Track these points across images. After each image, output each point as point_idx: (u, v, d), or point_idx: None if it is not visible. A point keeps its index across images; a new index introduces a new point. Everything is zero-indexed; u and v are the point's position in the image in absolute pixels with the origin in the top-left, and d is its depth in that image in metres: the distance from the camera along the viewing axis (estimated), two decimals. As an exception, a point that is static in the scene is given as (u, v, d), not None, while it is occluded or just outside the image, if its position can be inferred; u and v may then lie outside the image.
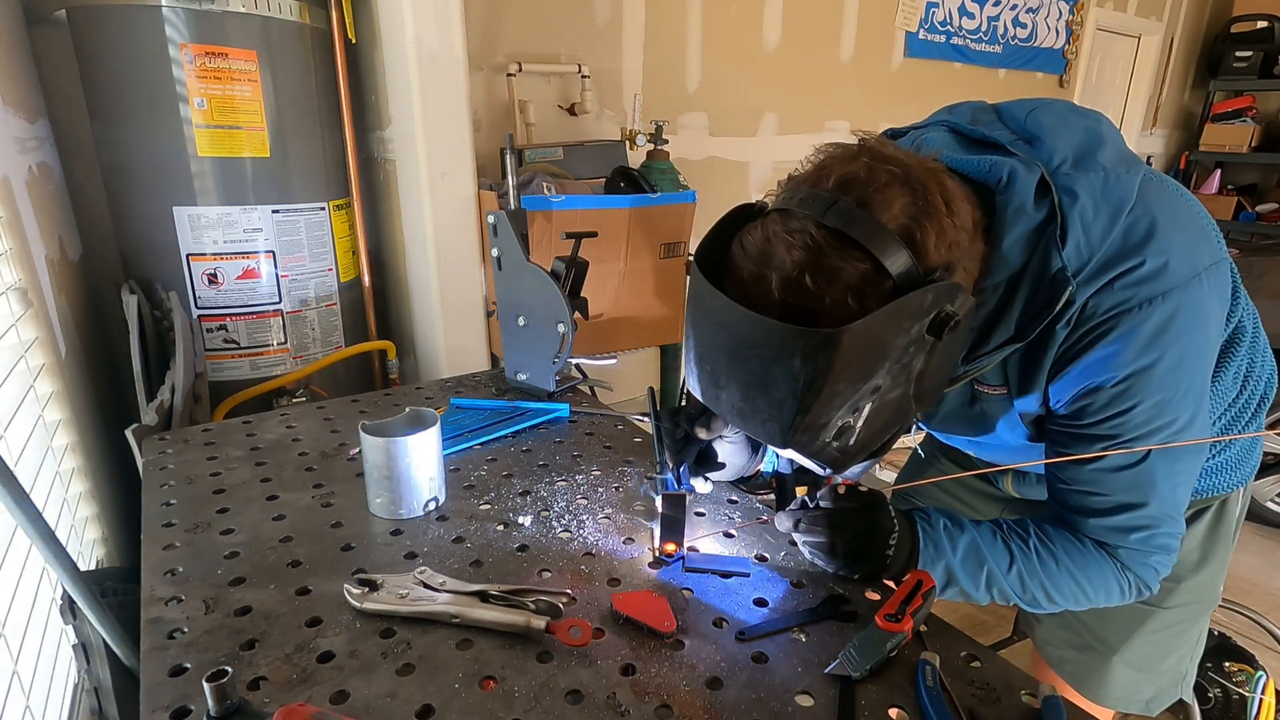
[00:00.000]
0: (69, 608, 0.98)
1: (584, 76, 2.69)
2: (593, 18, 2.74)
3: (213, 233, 1.80)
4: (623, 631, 0.74)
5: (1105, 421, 0.76)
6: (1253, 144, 5.32)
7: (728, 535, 0.93)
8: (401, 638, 0.72)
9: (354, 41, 2.02)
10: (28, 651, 0.99)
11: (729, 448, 0.97)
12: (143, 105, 1.69)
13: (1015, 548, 0.82)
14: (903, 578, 0.79)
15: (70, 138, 1.85)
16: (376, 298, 2.26)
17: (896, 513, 0.83)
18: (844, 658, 0.69)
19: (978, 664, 0.71)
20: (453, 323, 2.12)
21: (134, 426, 1.18)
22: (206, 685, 0.58)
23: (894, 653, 0.70)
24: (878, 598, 0.81)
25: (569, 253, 1.32)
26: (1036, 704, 0.65)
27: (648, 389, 1.09)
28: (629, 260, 2.23)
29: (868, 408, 0.68)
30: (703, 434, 0.92)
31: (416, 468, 0.93)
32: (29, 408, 1.22)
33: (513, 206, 1.53)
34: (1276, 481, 2.75)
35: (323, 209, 1.98)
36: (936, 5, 3.73)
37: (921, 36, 3.73)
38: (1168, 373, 0.73)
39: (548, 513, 0.97)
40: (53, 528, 0.86)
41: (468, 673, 0.68)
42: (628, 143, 2.59)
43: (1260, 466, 1.02)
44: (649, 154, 2.56)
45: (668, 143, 2.56)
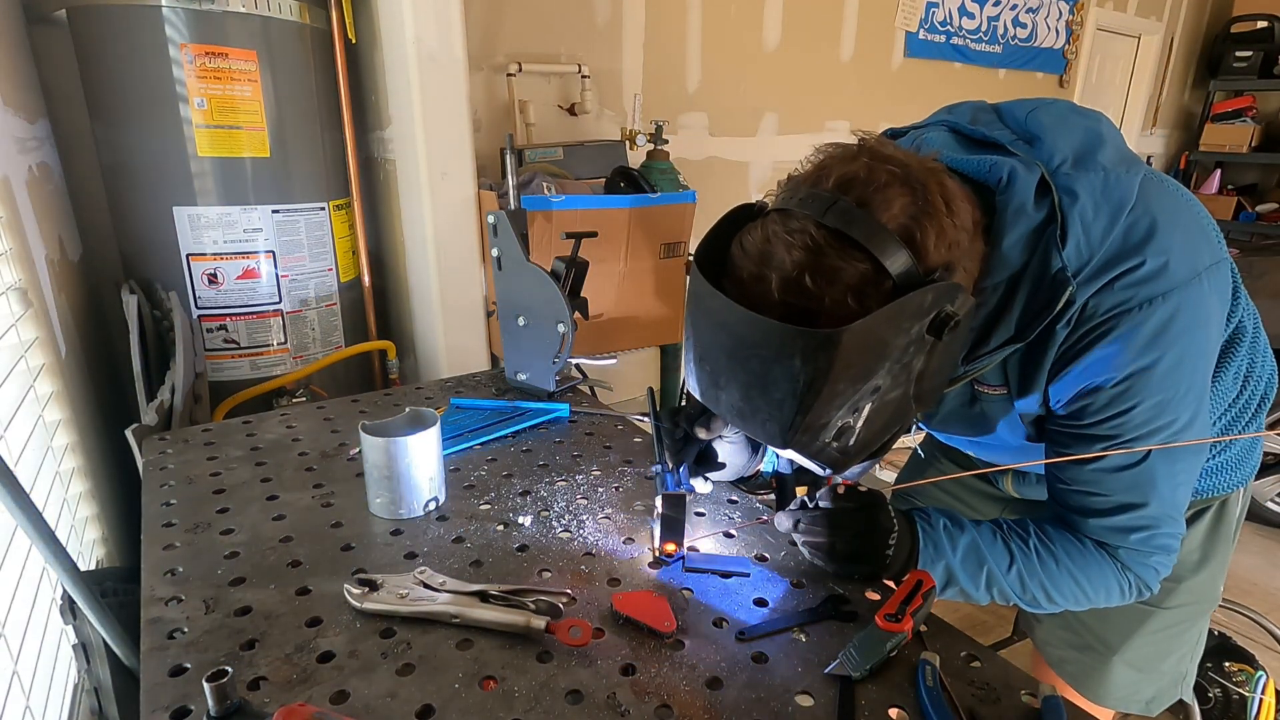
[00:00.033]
0: (69, 608, 0.98)
1: (584, 76, 2.69)
2: (593, 18, 2.74)
3: (213, 233, 1.80)
4: (623, 631, 0.74)
5: (1105, 422, 0.76)
6: (1253, 144, 5.32)
7: (728, 535, 0.94)
8: (401, 638, 0.72)
9: (354, 41, 2.02)
10: (28, 651, 0.99)
11: (729, 448, 0.97)
12: (143, 105, 1.69)
13: (1015, 548, 0.82)
14: (902, 578, 0.79)
15: (70, 138, 1.85)
16: (376, 298, 2.26)
17: (896, 512, 0.83)
18: (844, 658, 0.69)
19: (978, 664, 0.71)
20: (453, 323, 2.12)
21: (134, 426, 1.18)
22: (206, 685, 0.58)
23: (894, 653, 0.70)
24: (878, 598, 0.81)
25: (569, 253, 1.32)
26: (1036, 704, 0.65)
27: (647, 389, 1.09)
28: (629, 260, 2.23)
29: (868, 408, 0.68)
30: (702, 434, 0.92)
31: (416, 468, 0.93)
32: (29, 408, 1.22)
33: (513, 206, 1.53)
34: (1276, 481, 2.75)
35: (323, 209, 1.98)
36: (936, 5, 3.73)
37: (921, 36, 3.73)
38: (1168, 373, 0.73)
39: (548, 513, 0.97)
40: (53, 528, 0.86)
41: (468, 673, 0.68)
42: (628, 143, 2.59)
43: (1260, 466, 1.02)
44: (649, 154, 2.56)
45: (668, 143, 2.56)
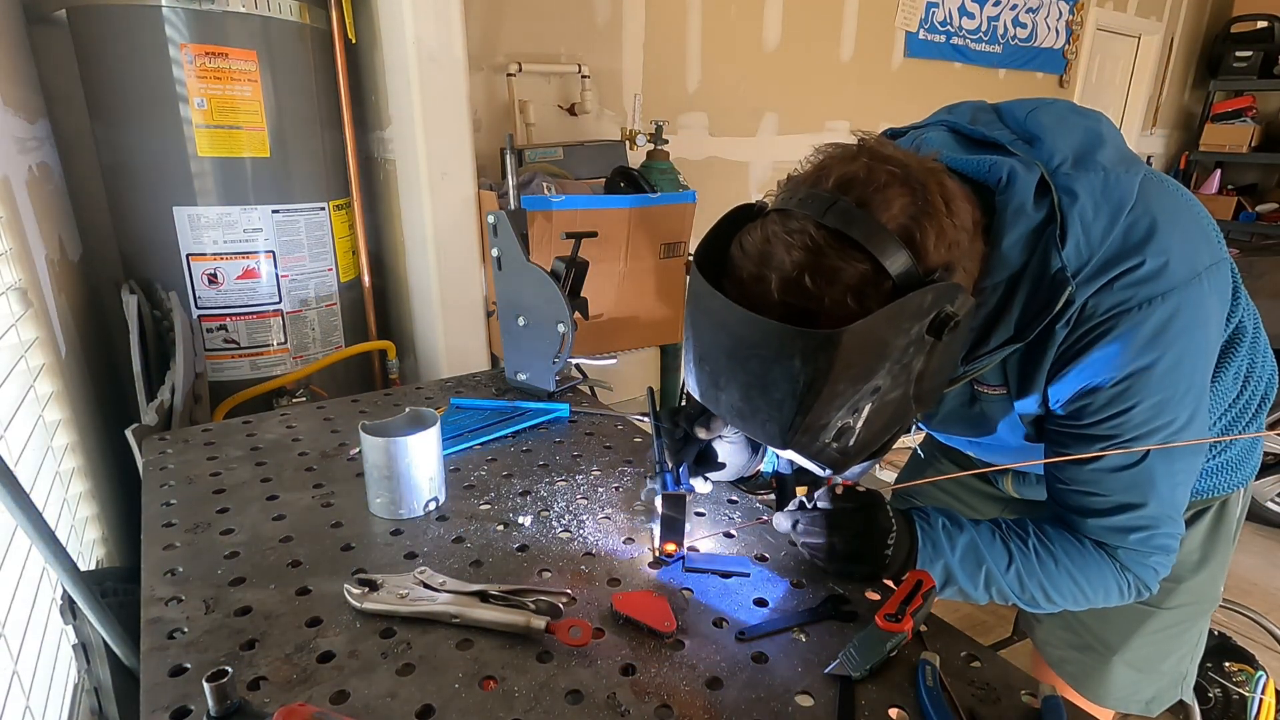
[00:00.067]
0: (69, 608, 0.98)
1: (584, 76, 2.69)
2: (593, 18, 2.74)
3: (213, 233, 1.80)
4: (623, 631, 0.74)
5: (1104, 421, 0.76)
6: (1253, 144, 5.32)
7: (728, 535, 0.94)
8: (401, 638, 0.72)
9: (354, 41, 2.02)
10: (28, 651, 0.99)
11: (729, 448, 0.97)
12: (143, 105, 1.69)
13: (1014, 547, 0.82)
14: (902, 577, 0.79)
15: (70, 138, 1.86)
16: (376, 298, 2.26)
17: (895, 512, 0.83)
18: (844, 658, 0.69)
19: (978, 664, 0.71)
20: (453, 323, 2.12)
21: (134, 426, 1.18)
22: (206, 685, 0.58)
23: (894, 653, 0.70)
24: (878, 598, 0.81)
25: (569, 253, 1.32)
26: (1036, 704, 0.65)
27: (647, 389, 1.09)
28: (629, 260, 2.23)
29: (867, 408, 0.68)
30: (702, 434, 0.92)
31: (416, 468, 0.93)
32: (29, 408, 1.22)
33: (513, 206, 1.53)
34: (1276, 481, 2.75)
35: (323, 209, 1.98)
36: (936, 5, 3.73)
37: (921, 36, 3.73)
38: (1167, 373, 0.73)
39: (548, 513, 0.97)
40: (53, 528, 0.86)
41: (468, 673, 0.68)
42: (628, 143, 2.59)
43: (1260, 466, 1.02)
44: (649, 154, 2.56)
45: (668, 143, 2.56)
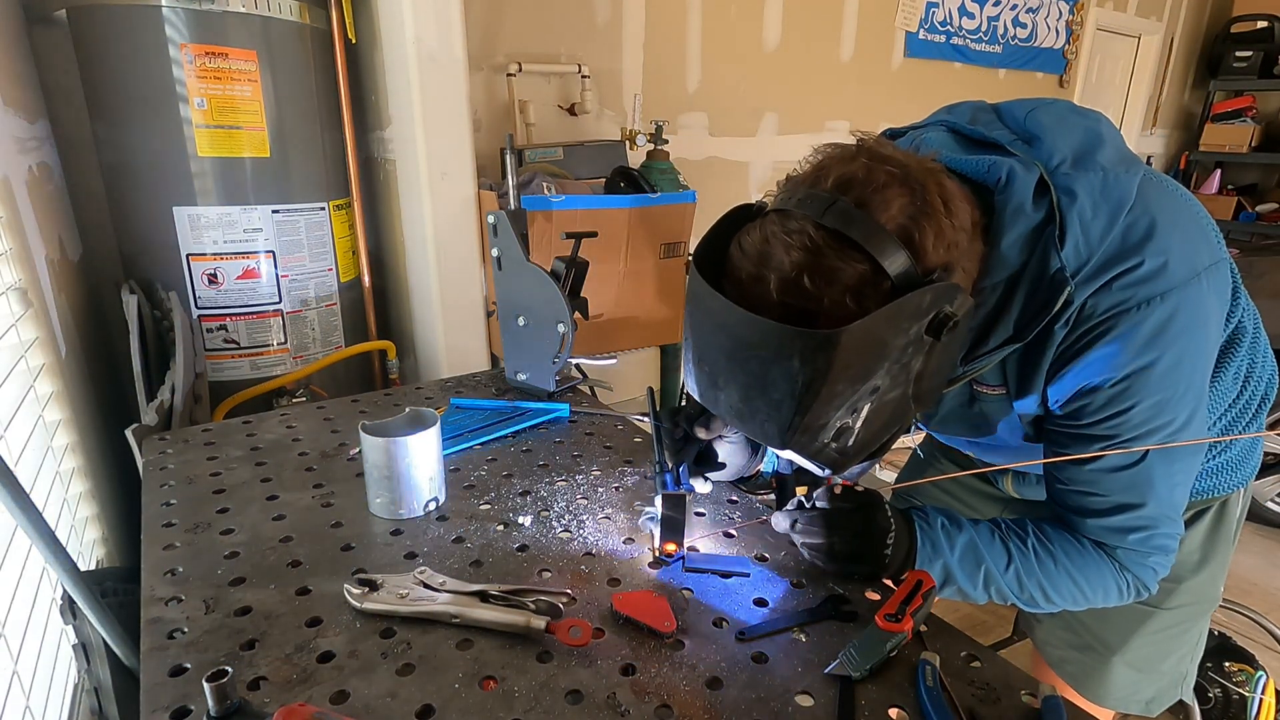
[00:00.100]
0: (69, 608, 0.98)
1: (584, 76, 2.69)
2: (593, 18, 2.74)
3: (213, 233, 1.80)
4: (623, 631, 0.74)
5: (1104, 421, 0.76)
6: (1253, 144, 5.32)
7: (728, 535, 0.94)
8: (401, 638, 0.72)
9: (354, 41, 2.02)
10: (28, 651, 0.99)
11: (729, 448, 0.97)
12: (143, 105, 1.69)
13: (1013, 547, 0.82)
14: (901, 577, 0.79)
15: (70, 138, 1.86)
16: (376, 298, 2.26)
17: (894, 511, 0.83)
18: (844, 658, 0.69)
19: (978, 664, 0.71)
20: (453, 323, 2.12)
21: (134, 426, 1.18)
22: (206, 685, 0.58)
23: (894, 653, 0.70)
24: (878, 598, 0.81)
25: (569, 253, 1.32)
26: (1036, 704, 0.65)
27: (647, 389, 1.09)
28: (629, 260, 2.23)
29: (866, 408, 0.68)
30: (702, 434, 0.92)
31: (416, 468, 0.93)
32: (29, 408, 1.22)
33: (513, 206, 1.53)
34: (1276, 481, 2.75)
35: (323, 209, 1.98)
36: (936, 5, 3.73)
37: (921, 36, 3.73)
38: (1166, 373, 0.73)
39: (548, 513, 0.97)
40: (53, 528, 0.86)
41: (468, 673, 0.68)
42: (628, 143, 2.59)
43: (1260, 466, 1.02)
44: (649, 154, 2.56)
45: (668, 143, 2.57)
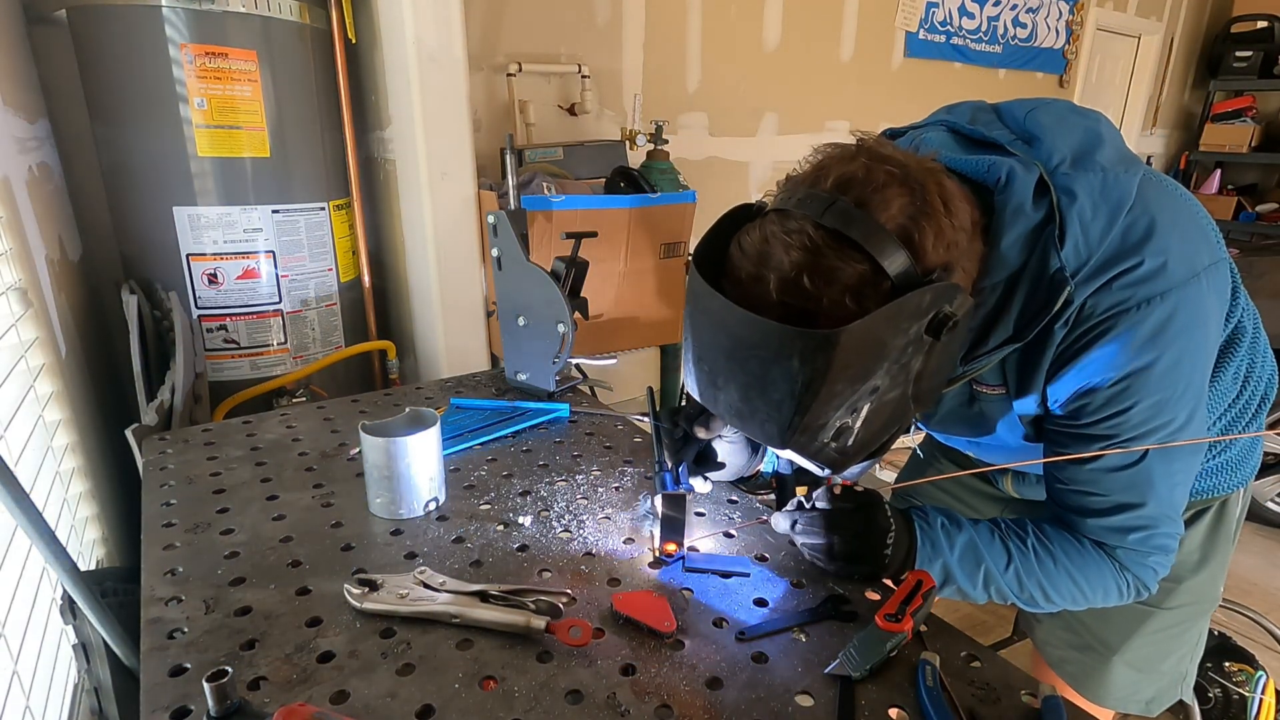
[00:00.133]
0: (69, 608, 0.98)
1: (584, 76, 2.69)
2: (593, 18, 2.74)
3: (213, 233, 1.80)
4: (623, 631, 0.74)
5: (1103, 421, 0.76)
6: (1253, 144, 5.32)
7: (728, 535, 0.94)
8: (401, 638, 0.72)
9: (354, 41, 2.02)
10: (28, 651, 0.99)
11: (728, 447, 0.97)
12: (143, 105, 1.69)
13: (1013, 547, 0.82)
14: (901, 577, 0.79)
15: (70, 138, 1.86)
16: (376, 298, 2.26)
17: (893, 511, 0.83)
18: (844, 658, 0.69)
19: (978, 664, 0.71)
20: (453, 323, 2.12)
21: (134, 426, 1.18)
22: (206, 685, 0.58)
23: (894, 653, 0.70)
24: (878, 598, 0.81)
25: (569, 253, 1.32)
26: (1036, 704, 0.65)
27: (647, 389, 1.10)
28: (629, 260, 2.23)
29: (866, 408, 0.68)
30: (702, 433, 0.92)
31: (416, 468, 0.93)
32: (29, 408, 1.22)
33: (513, 206, 1.53)
34: (1276, 481, 2.75)
35: (323, 209, 1.98)
36: (936, 5, 3.73)
37: (921, 36, 3.73)
38: (1166, 373, 0.73)
39: (548, 513, 0.97)
40: (53, 528, 0.86)
41: (468, 673, 0.68)
42: (628, 143, 2.59)
43: (1260, 466, 1.02)
44: (649, 154, 2.56)
45: (668, 143, 2.56)
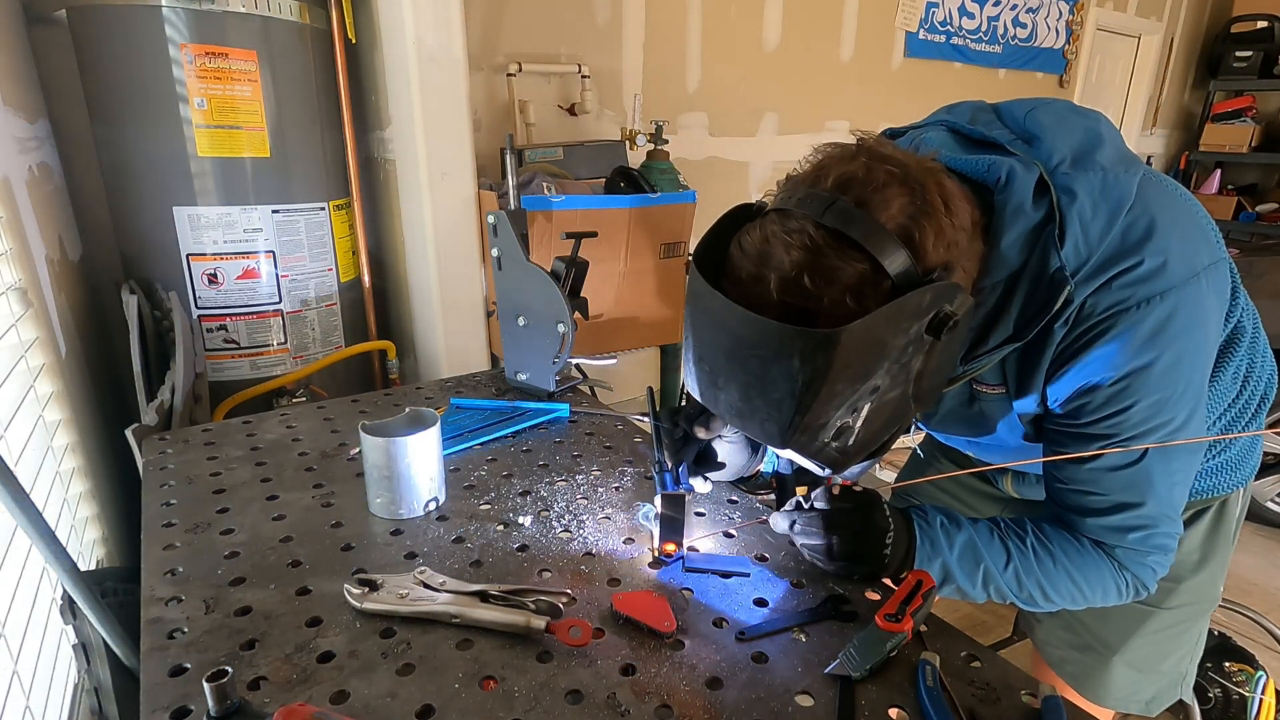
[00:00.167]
0: (69, 608, 0.98)
1: (584, 76, 2.69)
2: (593, 18, 2.74)
3: (213, 233, 1.80)
4: (623, 631, 0.74)
5: (1103, 420, 0.76)
6: (1253, 144, 5.32)
7: (728, 535, 0.94)
8: (401, 638, 0.72)
9: (354, 41, 2.02)
10: (28, 651, 0.99)
11: (728, 447, 0.97)
12: (143, 105, 1.69)
13: (1013, 546, 0.82)
14: (900, 576, 0.79)
15: (70, 138, 1.86)
16: (376, 298, 2.26)
17: (892, 511, 0.83)
18: (844, 658, 0.69)
19: (978, 664, 0.71)
20: (453, 323, 2.12)
21: (134, 426, 1.18)
22: (206, 685, 0.58)
23: (894, 653, 0.70)
24: (878, 598, 0.81)
25: (569, 253, 1.32)
26: (1036, 704, 0.65)
27: (647, 389, 1.09)
28: (629, 260, 2.23)
29: (866, 408, 0.68)
30: (702, 433, 0.92)
31: (416, 468, 0.93)
32: (29, 408, 1.22)
33: (513, 206, 1.53)
34: (1276, 481, 2.75)
35: (323, 209, 1.98)
36: (936, 5, 3.73)
37: (921, 36, 3.73)
38: (1165, 372, 0.73)
39: (548, 513, 0.97)
40: (53, 528, 0.86)
41: (468, 673, 0.68)
42: (628, 143, 2.59)
43: (1260, 466, 1.02)
44: (649, 154, 2.56)
45: (668, 143, 2.56)
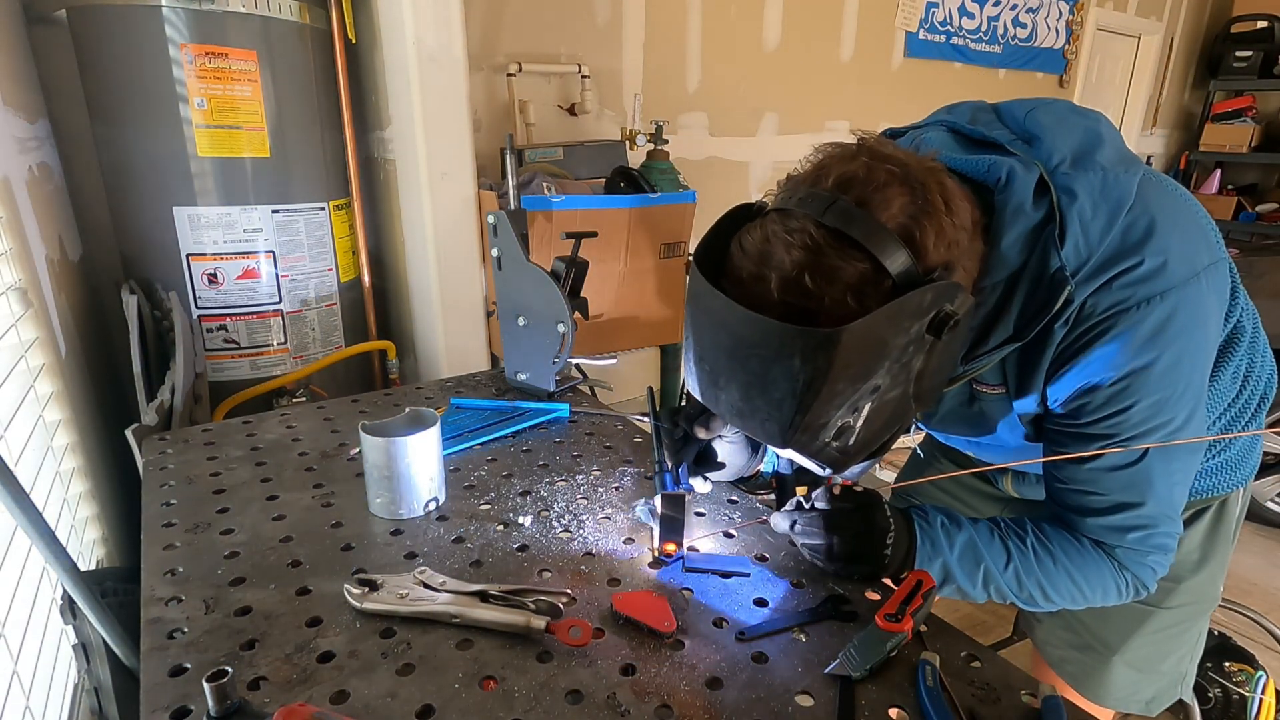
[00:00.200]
0: (69, 608, 0.98)
1: (584, 76, 2.69)
2: (593, 18, 2.74)
3: (213, 233, 1.80)
4: (623, 631, 0.74)
5: (1103, 420, 0.76)
6: (1253, 144, 5.32)
7: (728, 535, 0.93)
8: (401, 638, 0.72)
9: (354, 41, 2.02)
10: (28, 651, 0.99)
11: (728, 447, 0.97)
12: (143, 105, 1.69)
13: (1013, 546, 0.82)
14: (901, 576, 0.79)
15: (70, 138, 1.85)
16: (376, 298, 2.26)
17: (893, 511, 0.83)
18: (844, 658, 0.68)
19: (978, 664, 0.71)
20: (453, 323, 2.12)
21: (134, 426, 1.18)
22: (206, 685, 0.58)
23: (894, 653, 0.70)
24: (878, 598, 0.81)
25: (569, 253, 1.32)
26: (1036, 704, 0.65)
27: (647, 389, 1.09)
28: (629, 260, 2.23)
29: (867, 407, 0.68)
30: (702, 433, 0.92)
31: (416, 468, 0.93)
32: (29, 408, 1.22)
33: (513, 206, 1.53)
34: (1276, 481, 2.75)
35: (323, 209, 1.98)
36: (936, 5, 3.73)
37: (921, 36, 3.73)
38: (1165, 372, 0.73)
39: (548, 513, 0.97)
40: (53, 528, 0.86)
41: (468, 673, 0.68)
42: (628, 143, 2.59)
43: (1260, 466, 1.02)
44: (649, 154, 2.56)
45: (668, 143, 2.56)
